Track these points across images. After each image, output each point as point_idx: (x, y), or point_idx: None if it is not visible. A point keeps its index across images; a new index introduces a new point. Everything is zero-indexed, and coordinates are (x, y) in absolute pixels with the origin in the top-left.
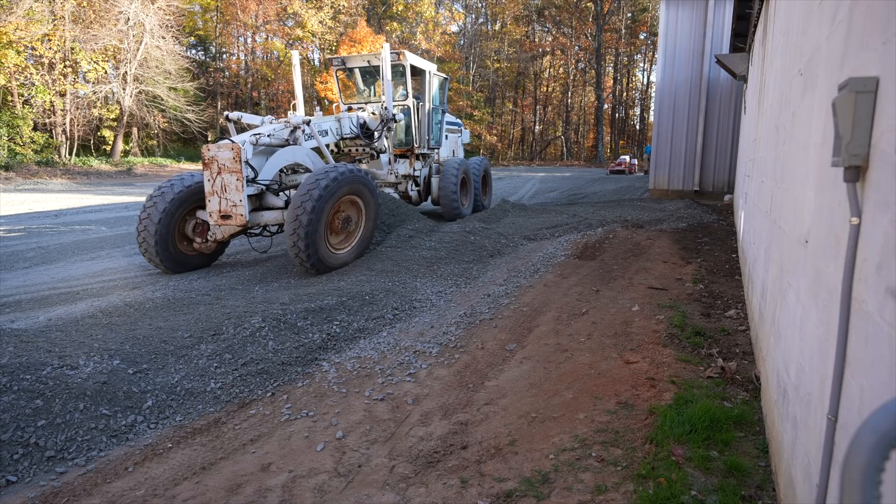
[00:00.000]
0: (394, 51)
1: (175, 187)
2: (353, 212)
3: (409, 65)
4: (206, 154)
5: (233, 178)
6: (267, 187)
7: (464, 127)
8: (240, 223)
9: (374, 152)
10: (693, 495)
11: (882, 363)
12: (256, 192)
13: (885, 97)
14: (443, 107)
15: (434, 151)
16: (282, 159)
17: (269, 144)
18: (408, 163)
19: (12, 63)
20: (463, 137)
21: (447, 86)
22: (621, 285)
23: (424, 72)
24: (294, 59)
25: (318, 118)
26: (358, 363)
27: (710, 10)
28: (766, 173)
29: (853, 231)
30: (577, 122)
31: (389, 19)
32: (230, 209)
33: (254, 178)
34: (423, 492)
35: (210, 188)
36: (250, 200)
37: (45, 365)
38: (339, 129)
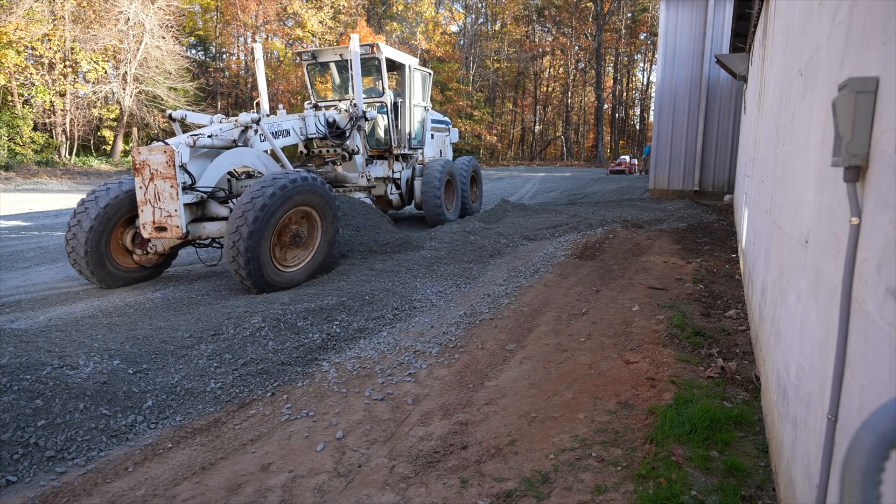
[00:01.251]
0: (366, 43)
1: (111, 192)
2: (306, 225)
3: (385, 58)
4: (137, 158)
5: (167, 184)
6: (210, 195)
7: (452, 125)
8: (176, 236)
9: (346, 153)
10: (693, 495)
11: (882, 363)
12: (196, 201)
13: (885, 97)
14: (426, 104)
15: (417, 152)
16: (227, 163)
17: (212, 146)
18: (386, 164)
19: (12, 63)
20: (451, 136)
21: (430, 81)
22: (621, 285)
23: (404, 66)
24: (257, 52)
25: (277, 117)
26: (358, 363)
27: (710, 10)
28: (766, 173)
29: (853, 231)
30: (577, 122)
31: (389, 19)
32: (165, 220)
33: (192, 185)
34: (423, 492)
35: (142, 196)
36: (190, 210)
37: (45, 365)
38: (304, 129)
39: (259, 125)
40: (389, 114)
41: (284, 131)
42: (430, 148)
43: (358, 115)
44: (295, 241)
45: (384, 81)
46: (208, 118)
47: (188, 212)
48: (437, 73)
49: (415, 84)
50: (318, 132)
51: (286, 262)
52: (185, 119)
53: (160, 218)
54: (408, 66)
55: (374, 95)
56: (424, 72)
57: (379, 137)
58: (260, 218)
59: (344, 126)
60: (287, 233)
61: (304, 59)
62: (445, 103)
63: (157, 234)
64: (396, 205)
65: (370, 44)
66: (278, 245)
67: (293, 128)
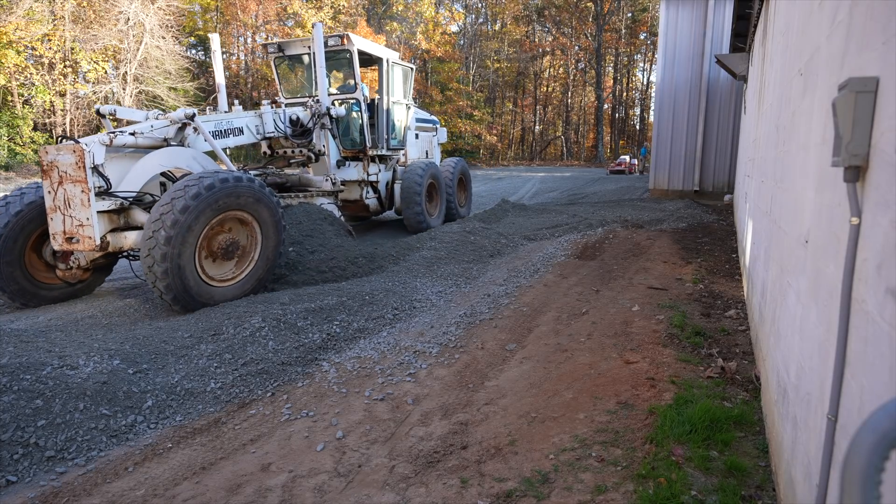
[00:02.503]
0: (335, 34)
1: (26, 197)
2: (243, 233)
3: (357, 50)
4: (44, 158)
5: (77, 189)
6: (132, 201)
7: (440, 124)
8: (88, 248)
9: (313, 154)
10: (693, 495)
11: (882, 363)
12: (116, 208)
13: (885, 97)
14: (407, 101)
15: (398, 153)
16: (154, 165)
17: (136, 145)
18: (361, 166)
19: (12, 63)
20: (439, 137)
21: (412, 77)
22: (621, 285)
23: (382, 60)
24: (213, 43)
25: (230, 114)
26: (358, 363)
27: (710, 10)
28: (766, 173)
29: (853, 231)
30: (577, 122)
31: (389, 19)
32: (76, 230)
33: (108, 190)
34: (423, 492)
35: (51, 203)
36: (108, 218)
37: (45, 365)
38: (262, 128)
39: (194, 121)
40: (364, 111)
41: (237, 129)
42: (415, 149)
43: (321, 112)
44: (228, 252)
45: (356, 76)
46: (143, 114)
47: (105, 220)
48: (437, 73)
49: (394, 79)
50: (278, 131)
51: (218, 276)
52: (116, 114)
53: (71, 227)
54: (385, 60)
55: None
56: (405, 66)
57: (354, 137)
58: (180, 224)
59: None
60: (219, 242)
61: (271, 51)
62: (445, 103)
63: (67, 246)
64: (374, 210)
65: (339, 34)
66: (210, 256)
67: (248, 126)
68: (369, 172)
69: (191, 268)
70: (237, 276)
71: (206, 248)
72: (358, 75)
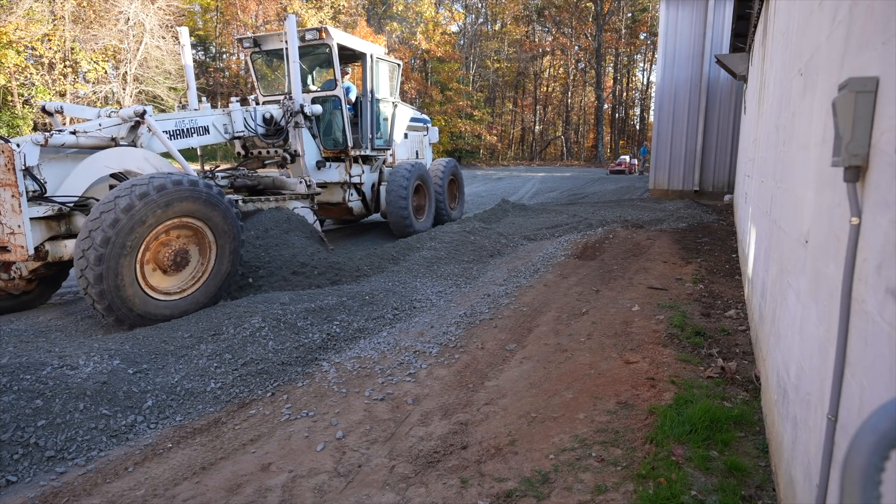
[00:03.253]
0: (313, 28)
1: None
2: (193, 243)
3: (337, 45)
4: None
5: (7, 193)
6: (74, 206)
7: (431, 124)
8: (21, 258)
9: (289, 155)
10: (693, 495)
11: (882, 363)
12: (53, 214)
13: (885, 97)
14: (394, 99)
15: (384, 153)
16: (99, 167)
17: (77, 145)
18: (343, 167)
19: (12, 63)
20: (431, 136)
21: (399, 73)
22: (621, 285)
23: (365, 55)
24: (182, 37)
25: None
26: (358, 363)
27: (710, 10)
28: (766, 173)
29: (853, 231)
30: (577, 122)
31: (389, 19)
32: (6, 238)
33: (42, 194)
34: (423, 492)
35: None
36: (46, 225)
37: (45, 365)
38: (230, 127)
39: (146, 119)
40: (344, 109)
41: (201, 128)
42: (403, 149)
43: (294, 109)
44: (178, 263)
45: (336, 72)
46: (95, 111)
47: (42, 228)
48: (437, 73)
49: (379, 76)
50: (249, 130)
51: (166, 290)
52: (63, 111)
53: (2, 235)
54: (369, 56)
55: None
56: (391, 63)
57: (336, 137)
58: (122, 223)
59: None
60: (165, 253)
61: (246, 46)
62: (445, 103)
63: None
64: (359, 213)
65: (317, 28)
66: (157, 267)
67: (214, 124)
68: (352, 174)
69: (128, 282)
70: (189, 288)
71: (153, 258)
72: (338, 71)
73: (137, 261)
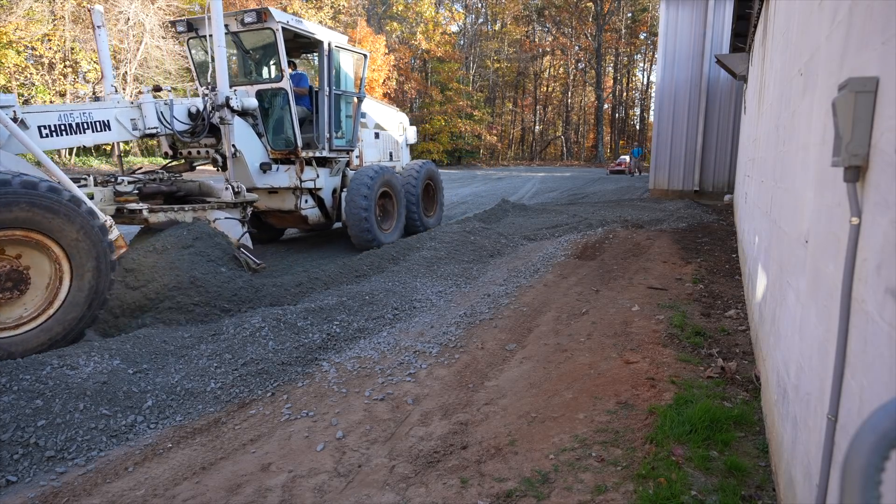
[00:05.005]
0: (252, 9)
1: None
2: (38, 263)
3: (282, 29)
4: None
5: None
6: None
7: (409, 122)
8: None
9: (219, 156)
10: (693, 495)
11: (882, 363)
12: None
13: (885, 97)
14: (359, 94)
15: (350, 155)
16: None
17: None
18: (293, 170)
19: (12, 63)
20: (408, 136)
21: (366, 65)
22: (621, 285)
23: (321, 43)
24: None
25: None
26: (358, 363)
27: (710, 10)
28: (766, 173)
29: (853, 231)
30: (577, 122)
31: (389, 19)
32: None
33: None
34: (423, 492)
35: None
36: None
37: (45, 365)
38: (141, 122)
39: None
40: (292, 104)
41: (98, 123)
42: (374, 150)
43: (217, 102)
44: (13, 287)
45: (282, 60)
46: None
47: None
48: (437, 73)
49: (340, 67)
50: (165, 126)
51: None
52: None
53: None
54: (326, 44)
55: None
56: (356, 53)
57: (288, 136)
58: None
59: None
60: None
61: (180, 31)
62: (445, 103)
63: None
64: (316, 222)
65: (257, 9)
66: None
67: (118, 119)
68: (303, 178)
69: None
70: (34, 318)
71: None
72: (283, 59)
73: None
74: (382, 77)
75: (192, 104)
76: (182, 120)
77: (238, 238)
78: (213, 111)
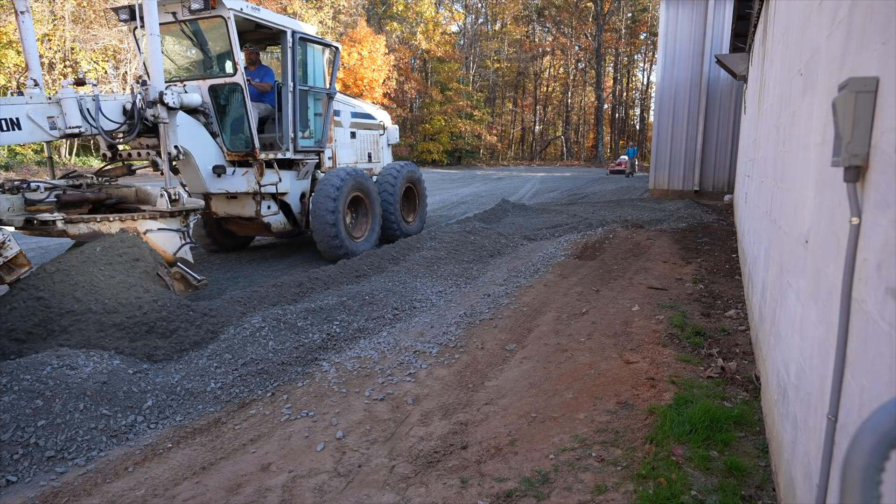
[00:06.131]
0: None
1: None
2: None
3: (234, 17)
4: None
5: None
6: None
7: (389, 120)
8: None
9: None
10: (693, 495)
11: (882, 363)
12: None
13: (885, 97)
14: (329, 90)
15: (315, 156)
16: None
17: None
18: (251, 174)
19: (12, 63)
20: (389, 136)
21: (338, 58)
22: (621, 285)
23: (284, 33)
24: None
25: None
26: (358, 363)
27: (710, 10)
28: (766, 173)
29: (853, 231)
30: (577, 122)
31: (389, 19)
32: None
33: None
34: (423, 492)
35: None
36: None
37: (45, 365)
38: (61, 120)
39: None
40: (248, 101)
41: (5, 122)
42: (350, 151)
43: (149, 99)
44: None
45: (235, 53)
46: None
47: None
48: (437, 73)
49: (308, 60)
50: (91, 125)
51: None
52: None
53: None
54: (289, 34)
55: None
56: (326, 45)
57: (243, 135)
58: None
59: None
60: None
61: (123, 19)
62: (445, 103)
63: None
64: (280, 229)
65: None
66: None
67: (31, 117)
68: (263, 183)
69: None
70: None
71: None
72: (237, 51)
73: None
74: (382, 77)
75: (128, 100)
76: (113, 118)
77: (175, 252)
78: (144, 108)
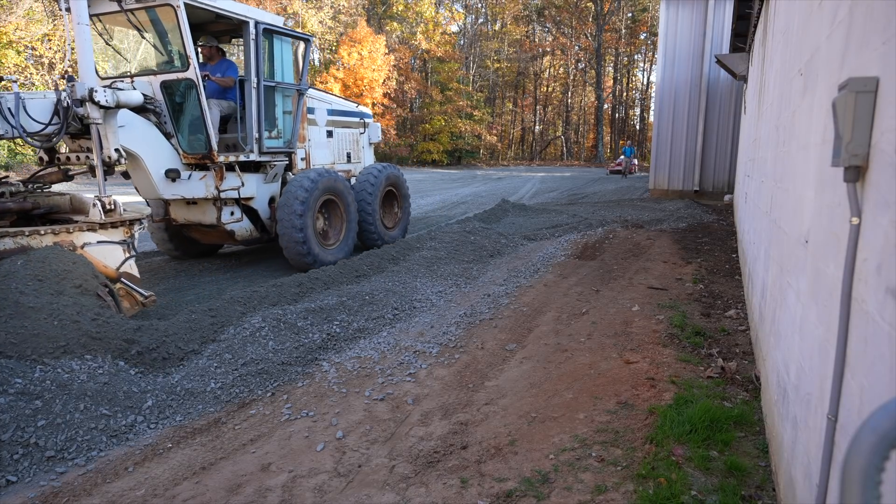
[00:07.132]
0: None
1: None
2: None
3: (183, 5)
4: None
5: None
6: None
7: (372, 119)
8: None
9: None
10: (693, 495)
11: (882, 363)
12: None
13: (885, 97)
14: (300, 86)
15: (288, 157)
16: None
17: None
18: (210, 178)
19: (12, 63)
20: (371, 134)
21: (308, 51)
22: (621, 285)
23: (247, 24)
24: None
25: None
26: (358, 363)
27: (710, 10)
28: (766, 173)
29: (853, 231)
30: (577, 122)
31: (389, 19)
32: None
33: None
34: (423, 492)
35: None
36: None
37: (45, 365)
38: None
39: None
40: (202, 98)
41: None
42: (326, 151)
43: (77, 97)
44: None
45: (186, 46)
46: None
47: None
48: (437, 73)
49: (276, 54)
50: (13, 128)
51: None
52: None
53: None
54: (252, 25)
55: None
56: (295, 37)
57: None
58: None
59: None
60: None
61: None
62: (445, 103)
63: None
64: (245, 237)
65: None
66: None
67: None
68: (223, 188)
69: None
70: None
71: None
72: (189, 44)
73: None
74: (382, 77)
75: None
76: (40, 118)
77: (118, 266)
78: (71, 107)
